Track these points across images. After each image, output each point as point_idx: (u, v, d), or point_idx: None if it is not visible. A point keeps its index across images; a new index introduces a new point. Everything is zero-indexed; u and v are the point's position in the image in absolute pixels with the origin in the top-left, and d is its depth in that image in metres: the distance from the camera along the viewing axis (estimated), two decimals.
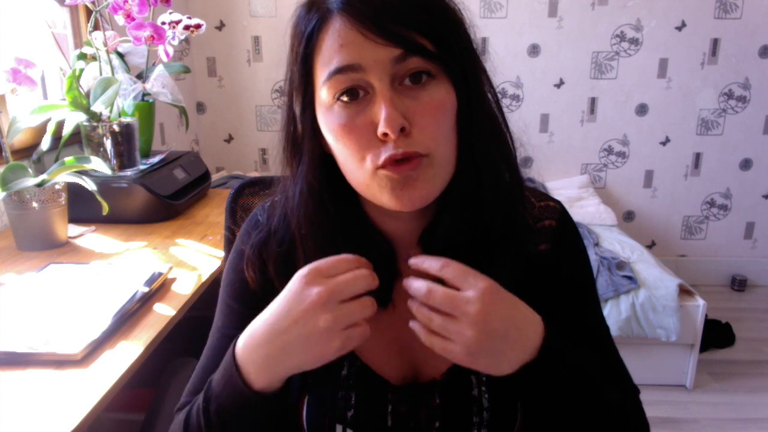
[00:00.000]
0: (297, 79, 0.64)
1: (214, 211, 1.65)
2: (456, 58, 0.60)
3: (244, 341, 0.60)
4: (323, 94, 0.61)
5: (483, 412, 0.67)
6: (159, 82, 1.63)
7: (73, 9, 1.87)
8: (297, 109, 0.66)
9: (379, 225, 0.69)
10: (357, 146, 0.60)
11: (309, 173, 0.65)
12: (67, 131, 1.41)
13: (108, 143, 1.48)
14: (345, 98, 0.59)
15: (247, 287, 0.71)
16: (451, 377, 0.68)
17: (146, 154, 1.74)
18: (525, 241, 0.70)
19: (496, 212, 0.65)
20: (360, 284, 0.56)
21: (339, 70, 0.58)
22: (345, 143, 0.60)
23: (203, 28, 1.63)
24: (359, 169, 0.61)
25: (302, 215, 0.66)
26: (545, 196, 0.76)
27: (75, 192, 1.36)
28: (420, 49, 0.58)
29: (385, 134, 0.57)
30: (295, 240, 0.68)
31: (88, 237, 1.43)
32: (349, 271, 0.57)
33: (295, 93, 0.65)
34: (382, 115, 0.57)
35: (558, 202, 0.76)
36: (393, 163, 0.59)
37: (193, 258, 1.29)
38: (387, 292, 0.68)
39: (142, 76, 1.69)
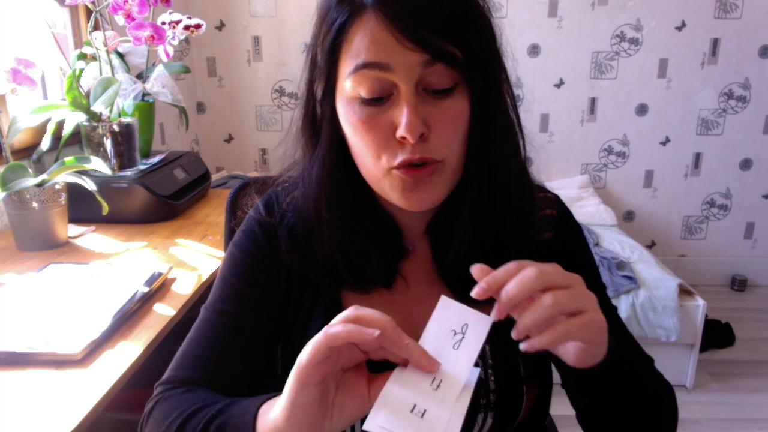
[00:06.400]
0: (322, 65, 0.64)
1: (214, 211, 1.65)
2: (480, 67, 0.61)
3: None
4: (347, 85, 0.61)
5: (490, 394, 0.68)
6: (159, 82, 1.63)
7: (73, 9, 1.87)
8: (318, 92, 0.66)
9: (389, 210, 0.71)
10: (374, 144, 0.61)
11: (326, 156, 0.66)
12: (67, 131, 1.41)
13: (108, 143, 1.48)
14: (368, 96, 0.60)
15: (253, 267, 0.72)
16: None
17: (146, 154, 1.74)
18: (531, 234, 0.72)
19: (507, 212, 0.67)
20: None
21: (366, 65, 0.59)
22: (362, 138, 0.62)
23: (203, 28, 1.63)
24: (373, 166, 0.63)
25: (321, 197, 0.67)
26: (542, 188, 0.79)
27: (75, 192, 1.36)
28: (448, 57, 0.58)
29: (404, 138, 0.59)
30: (311, 224, 0.69)
31: (88, 237, 1.43)
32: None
33: (318, 77, 0.66)
34: (403, 120, 0.58)
35: (554, 194, 0.79)
36: (407, 166, 0.60)
37: (193, 258, 1.29)
38: (392, 273, 0.71)
39: (142, 76, 1.69)
